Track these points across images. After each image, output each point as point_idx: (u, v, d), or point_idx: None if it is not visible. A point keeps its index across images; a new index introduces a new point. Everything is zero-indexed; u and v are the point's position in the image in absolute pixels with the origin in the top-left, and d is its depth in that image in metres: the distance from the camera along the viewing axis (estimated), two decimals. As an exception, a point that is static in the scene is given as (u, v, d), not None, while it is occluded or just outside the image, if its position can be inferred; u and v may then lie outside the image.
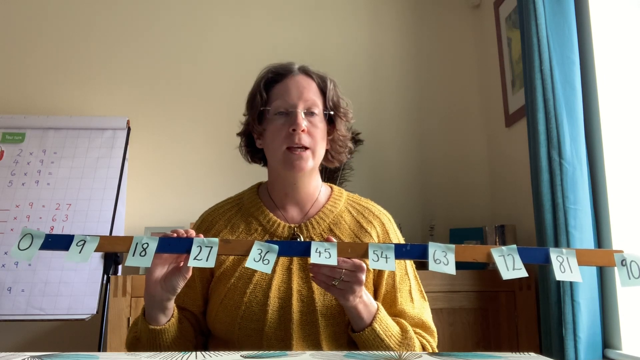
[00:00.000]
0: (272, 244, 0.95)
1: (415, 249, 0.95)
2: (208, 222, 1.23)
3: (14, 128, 2.36)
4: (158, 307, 1.05)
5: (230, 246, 0.96)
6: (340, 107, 1.21)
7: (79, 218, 2.18)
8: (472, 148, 2.59)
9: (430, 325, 1.19)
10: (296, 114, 1.14)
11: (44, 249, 0.96)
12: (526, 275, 0.89)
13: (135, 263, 0.93)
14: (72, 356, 0.90)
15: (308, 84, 1.18)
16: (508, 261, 0.91)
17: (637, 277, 0.88)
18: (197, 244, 0.95)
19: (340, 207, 1.23)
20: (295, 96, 1.16)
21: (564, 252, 0.92)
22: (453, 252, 0.94)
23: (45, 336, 2.34)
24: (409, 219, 2.46)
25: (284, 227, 1.19)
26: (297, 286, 1.13)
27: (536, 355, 0.91)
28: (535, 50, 1.75)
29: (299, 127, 1.12)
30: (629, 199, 1.72)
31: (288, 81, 1.18)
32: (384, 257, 0.93)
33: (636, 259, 0.90)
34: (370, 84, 2.62)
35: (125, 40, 2.61)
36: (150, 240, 0.96)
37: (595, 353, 1.65)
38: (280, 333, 1.11)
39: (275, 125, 1.15)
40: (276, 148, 1.15)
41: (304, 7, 2.69)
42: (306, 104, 1.16)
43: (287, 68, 1.20)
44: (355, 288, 1.00)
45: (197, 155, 2.55)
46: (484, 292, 1.97)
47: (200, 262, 0.94)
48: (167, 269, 1.03)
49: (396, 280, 1.18)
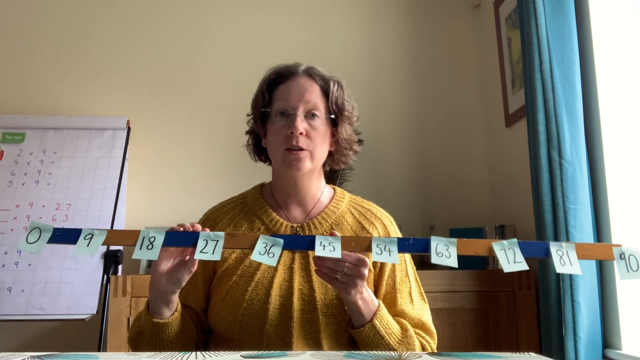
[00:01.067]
0: (277, 237, 0.96)
1: (417, 243, 0.97)
2: (212, 220, 1.24)
3: (14, 128, 2.36)
4: (163, 300, 1.06)
5: (236, 240, 0.98)
6: (345, 110, 1.21)
7: (79, 218, 2.18)
8: (472, 148, 2.59)
9: (430, 327, 1.19)
10: (295, 116, 1.15)
11: (52, 242, 0.97)
12: (527, 268, 0.91)
13: (142, 256, 0.95)
14: (72, 356, 0.90)
15: (310, 86, 1.18)
16: (509, 255, 0.92)
17: (636, 270, 0.89)
18: (203, 237, 0.97)
19: (342, 208, 1.24)
20: (296, 98, 1.16)
21: (564, 245, 0.93)
22: (455, 245, 0.95)
23: (45, 336, 2.34)
24: (409, 219, 2.46)
25: (287, 227, 1.20)
26: (299, 285, 1.14)
27: (536, 355, 0.91)
28: (535, 50, 1.75)
29: (296, 130, 1.13)
30: (629, 199, 1.72)
31: (290, 82, 1.19)
32: (387, 251, 0.94)
33: (634, 253, 0.91)
34: (370, 84, 2.62)
35: (125, 41, 2.61)
36: (157, 233, 0.97)
37: (595, 353, 1.65)
38: (281, 331, 1.12)
39: (276, 127, 1.17)
40: (276, 149, 1.17)
41: (304, 7, 2.69)
42: (307, 106, 1.16)
43: (291, 70, 1.21)
44: (358, 282, 1.01)
45: (197, 155, 2.55)
46: (484, 292, 1.97)
47: (207, 255, 0.95)
48: (173, 262, 1.04)
49: (396, 281, 1.19)
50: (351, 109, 1.23)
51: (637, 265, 0.90)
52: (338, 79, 1.23)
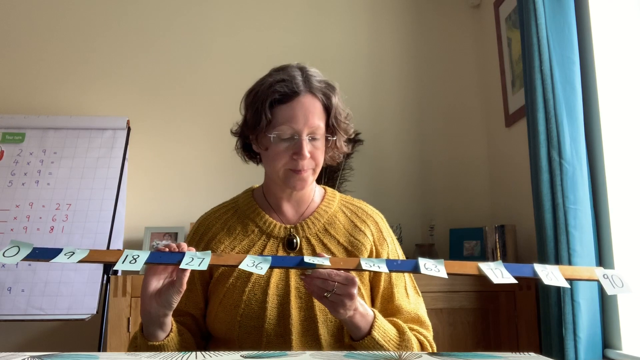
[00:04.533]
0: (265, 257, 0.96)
1: (405, 264, 0.98)
2: (205, 225, 1.24)
3: (14, 128, 2.36)
4: (155, 324, 1.05)
5: (223, 259, 0.97)
6: (342, 122, 1.20)
7: (79, 218, 2.18)
8: (472, 148, 2.60)
9: (425, 320, 1.21)
10: (301, 142, 1.12)
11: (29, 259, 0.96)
12: (515, 282, 0.93)
13: (124, 267, 0.92)
14: (72, 356, 0.90)
15: (313, 107, 1.15)
16: (497, 273, 0.95)
17: (621, 286, 0.94)
18: (190, 256, 0.95)
19: (334, 207, 1.25)
20: (302, 122, 1.13)
21: (548, 268, 0.96)
22: (443, 264, 0.96)
23: (45, 336, 2.34)
24: (409, 219, 2.47)
25: (280, 228, 1.21)
26: (295, 283, 1.16)
27: (536, 355, 0.91)
28: (535, 50, 1.75)
29: (303, 157, 1.12)
30: (628, 199, 1.72)
31: (294, 104, 1.14)
32: (376, 267, 0.96)
33: (616, 274, 0.96)
34: (370, 84, 2.62)
35: (125, 41, 2.61)
36: (141, 253, 0.95)
37: (595, 353, 1.65)
38: (280, 330, 1.13)
39: (279, 148, 1.14)
40: (277, 167, 1.15)
41: (304, 7, 2.69)
42: (310, 130, 1.14)
43: (293, 87, 1.14)
44: (346, 302, 1.01)
45: (197, 155, 2.55)
46: (484, 292, 1.97)
47: (193, 265, 0.93)
48: (163, 282, 1.03)
49: (392, 276, 1.21)
50: (346, 119, 1.22)
51: (622, 283, 0.94)
52: (334, 86, 1.20)
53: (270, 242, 1.19)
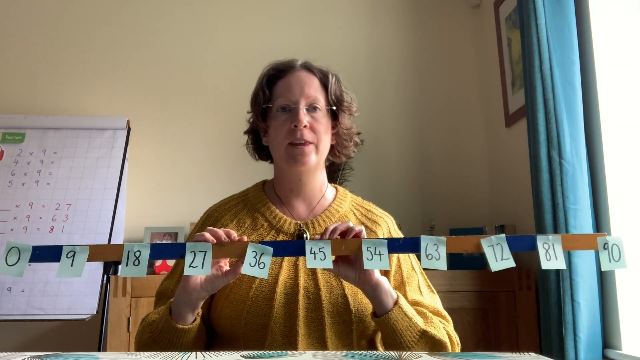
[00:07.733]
0: (266, 245, 0.95)
1: (407, 243, 0.98)
2: (214, 217, 1.23)
3: (14, 128, 2.36)
4: (190, 305, 1.05)
5: (225, 250, 0.96)
6: (344, 101, 1.22)
7: (79, 218, 2.18)
8: (472, 148, 2.60)
9: (445, 314, 1.18)
10: (298, 110, 1.15)
11: (34, 261, 0.94)
12: (514, 265, 0.91)
13: (129, 274, 0.91)
14: (72, 356, 0.89)
15: (310, 80, 1.19)
16: (497, 251, 0.93)
17: (618, 260, 0.90)
18: (191, 249, 0.94)
19: (345, 207, 1.24)
20: (297, 92, 1.16)
21: (551, 238, 0.93)
22: (444, 244, 0.95)
23: (45, 336, 2.34)
24: (409, 219, 2.46)
25: (290, 224, 1.19)
26: (304, 282, 1.13)
27: (536, 355, 0.91)
28: (535, 50, 1.75)
29: (300, 123, 1.13)
30: (629, 199, 1.72)
31: (290, 77, 1.19)
32: (377, 254, 0.94)
33: (618, 242, 0.92)
34: (370, 84, 2.63)
35: (125, 41, 2.61)
36: (142, 247, 0.93)
37: (595, 353, 1.65)
38: (286, 329, 1.10)
39: (278, 122, 1.16)
40: (279, 144, 1.16)
41: (304, 7, 2.69)
42: (308, 100, 1.16)
43: (289, 64, 1.21)
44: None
45: (197, 155, 2.55)
46: (484, 292, 1.97)
47: (196, 270, 0.93)
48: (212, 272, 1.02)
49: (404, 276, 1.18)
50: (350, 100, 1.24)
51: (619, 255, 0.91)
52: (335, 73, 1.24)
53: (279, 237, 1.17)
